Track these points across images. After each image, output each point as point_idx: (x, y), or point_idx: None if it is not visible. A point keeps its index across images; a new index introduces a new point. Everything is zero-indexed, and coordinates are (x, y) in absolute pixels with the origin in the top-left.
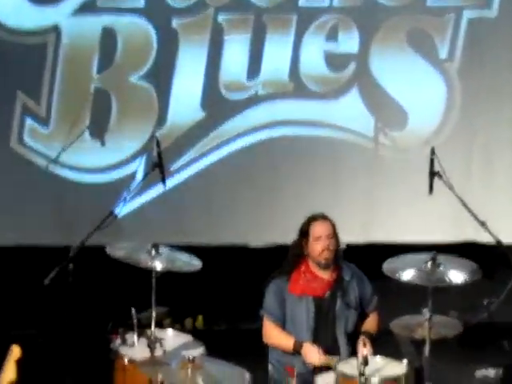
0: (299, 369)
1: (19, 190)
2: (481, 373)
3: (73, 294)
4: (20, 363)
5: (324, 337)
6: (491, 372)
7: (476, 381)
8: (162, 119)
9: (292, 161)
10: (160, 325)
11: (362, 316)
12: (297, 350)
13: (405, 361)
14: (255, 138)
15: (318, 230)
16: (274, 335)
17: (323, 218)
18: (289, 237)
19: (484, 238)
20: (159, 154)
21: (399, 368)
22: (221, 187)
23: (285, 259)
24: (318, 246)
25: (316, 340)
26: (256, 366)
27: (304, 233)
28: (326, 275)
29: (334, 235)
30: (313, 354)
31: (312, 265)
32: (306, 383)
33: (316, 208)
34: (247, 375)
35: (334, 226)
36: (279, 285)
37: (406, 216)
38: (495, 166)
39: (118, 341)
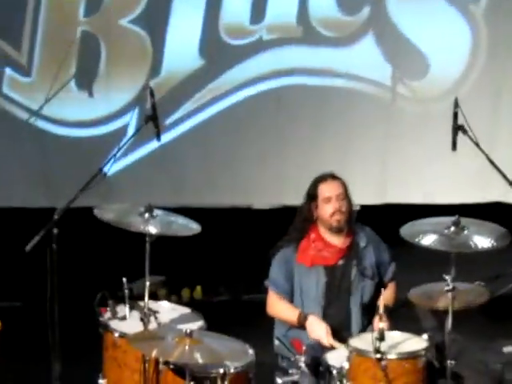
0: (308, 344)
1: None
2: (509, 349)
3: (58, 261)
4: (1, 337)
5: (336, 310)
6: None
7: (503, 357)
8: (156, 67)
9: (300, 114)
10: (154, 296)
11: (379, 286)
12: (302, 324)
13: (425, 336)
14: (259, 88)
15: (328, 190)
16: (279, 307)
17: (333, 177)
18: (297, 198)
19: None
20: (153, 106)
21: (418, 343)
22: (222, 143)
23: (292, 225)
24: (328, 208)
25: (327, 314)
26: (260, 341)
27: (312, 195)
28: (338, 241)
29: (346, 196)
30: (318, 329)
31: (323, 230)
32: (315, 360)
33: (327, 166)
34: (250, 351)
35: (345, 186)
36: (286, 254)
37: (426, 175)
38: None
39: (108, 314)
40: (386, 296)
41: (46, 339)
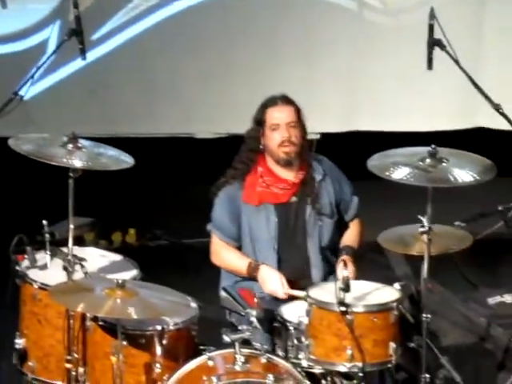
0: (260, 295)
1: None
2: (495, 299)
3: None
4: None
5: (292, 255)
6: (508, 298)
7: (488, 310)
8: None
9: (251, 26)
10: (80, 241)
11: (341, 225)
12: (253, 275)
13: (397, 285)
14: None
15: (276, 116)
16: (225, 256)
17: (284, 100)
18: (245, 126)
19: (498, 124)
20: (77, 18)
21: (389, 294)
22: (158, 62)
23: (236, 156)
24: (276, 137)
25: (282, 260)
26: (205, 292)
27: (259, 120)
28: (289, 175)
29: (299, 124)
30: (272, 281)
31: (271, 163)
32: (268, 314)
33: (282, 89)
34: (193, 304)
35: (298, 112)
36: (230, 193)
37: (398, 98)
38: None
39: (26, 262)
40: (350, 237)
41: None
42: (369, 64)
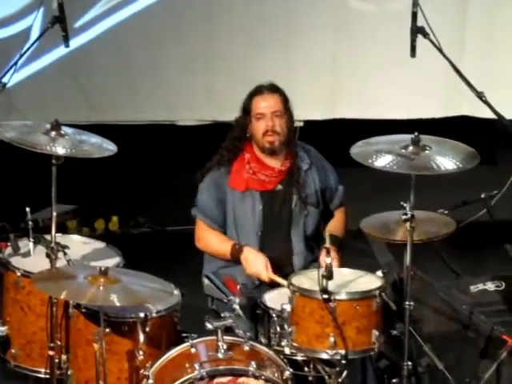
0: (242, 282)
1: None
2: (477, 287)
3: None
4: None
5: (276, 243)
6: (491, 286)
7: (471, 298)
8: None
9: (234, 11)
10: (63, 228)
11: (325, 214)
12: (236, 257)
13: (379, 273)
14: None
15: (262, 105)
16: (209, 239)
17: (270, 89)
18: (228, 113)
19: (481, 113)
20: (60, 6)
21: (372, 282)
22: (140, 49)
23: (223, 142)
24: (261, 126)
25: (265, 247)
26: (188, 279)
27: (246, 109)
28: (276, 164)
29: (285, 113)
30: (255, 262)
31: (257, 151)
32: (251, 301)
33: (265, 76)
34: (176, 291)
35: (284, 101)
36: (216, 178)
37: (381, 86)
38: (496, 22)
39: (9, 249)
40: (334, 225)
41: None
42: (352, 51)
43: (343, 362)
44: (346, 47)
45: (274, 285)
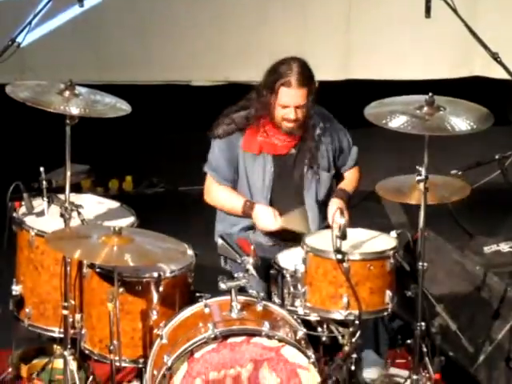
0: (256, 243)
1: None
2: (490, 248)
3: None
4: None
5: (286, 207)
6: (504, 247)
7: (484, 259)
8: None
9: None
10: (77, 188)
11: (338, 177)
12: (247, 213)
13: (393, 233)
14: None
15: (286, 100)
16: (220, 194)
17: (298, 83)
18: (242, 73)
19: (495, 73)
20: None
21: (386, 242)
22: (155, 8)
23: (243, 100)
24: (282, 112)
25: (277, 210)
26: (201, 239)
27: (271, 89)
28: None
29: (306, 102)
30: (265, 215)
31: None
32: (265, 262)
33: (278, 37)
34: (189, 251)
35: (310, 93)
36: (230, 138)
37: (395, 47)
38: None
39: (23, 208)
40: (346, 181)
41: None
42: (366, 12)
43: (356, 322)
44: (360, 7)
45: (287, 245)
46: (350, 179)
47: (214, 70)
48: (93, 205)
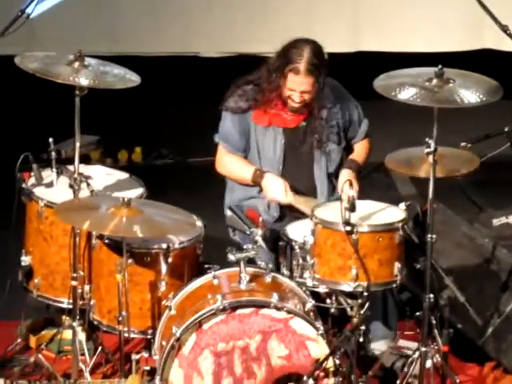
0: (265, 214)
1: None
2: (500, 221)
3: None
4: None
5: (298, 179)
6: None
7: (493, 231)
8: None
9: None
10: (86, 159)
11: (348, 151)
12: (257, 182)
13: (402, 205)
14: None
15: (293, 84)
16: (231, 163)
17: (306, 72)
18: (250, 45)
19: (505, 46)
20: None
21: (395, 215)
22: None
23: (254, 74)
24: (289, 93)
25: (287, 179)
26: (210, 211)
27: (281, 72)
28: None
29: (313, 88)
30: (277, 188)
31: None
32: (274, 233)
33: (286, 10)
34: (198, 223)
35: (317, 81)
36: (241, 110)
37: (404, 18)
38: None
39: (32, 179)
40: (356, 152)
41: None
42: None
43: (365, 294)
44: None
45: (296, 216)
46: (360, 150)
47: (222, 42)
48: (102, 176)
